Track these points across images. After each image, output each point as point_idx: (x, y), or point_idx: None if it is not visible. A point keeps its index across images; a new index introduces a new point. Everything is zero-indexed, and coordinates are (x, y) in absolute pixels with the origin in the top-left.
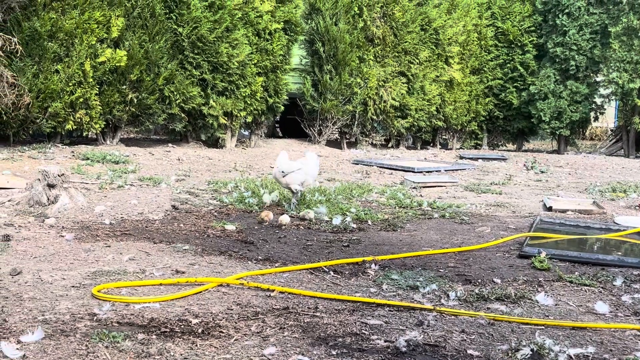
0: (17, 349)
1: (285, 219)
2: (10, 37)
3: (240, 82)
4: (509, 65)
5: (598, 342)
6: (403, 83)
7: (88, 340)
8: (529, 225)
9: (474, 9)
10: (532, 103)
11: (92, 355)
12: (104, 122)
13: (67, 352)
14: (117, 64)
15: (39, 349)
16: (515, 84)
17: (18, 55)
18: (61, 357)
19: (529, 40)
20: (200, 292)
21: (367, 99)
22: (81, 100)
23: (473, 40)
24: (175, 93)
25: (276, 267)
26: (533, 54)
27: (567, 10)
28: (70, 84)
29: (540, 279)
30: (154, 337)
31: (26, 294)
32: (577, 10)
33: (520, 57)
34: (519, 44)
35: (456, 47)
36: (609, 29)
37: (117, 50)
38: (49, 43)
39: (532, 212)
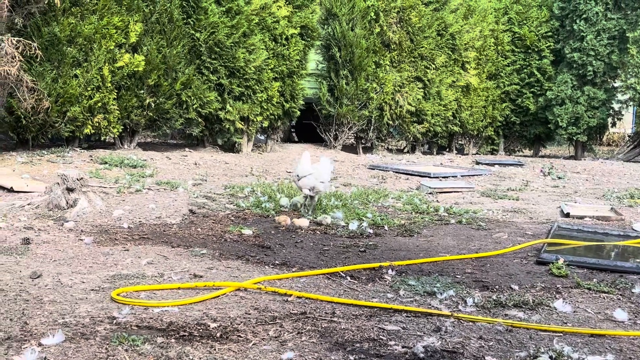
0: (39, 351)
1: (302, 223)
2: (30, 42)
3: (257, 87)
4: (525, 70)
5: (617, 349)
6: (419, 88)
7: (108, 344)
8: (546, 231)
9: (491, 14)
10: (549, 108)
11: (112, 358)
12: (122, 127)
13: (87, 355)
14: (135, 69)
15: (60, 351)
16: (532, 90)
17: (37, 60)
18: None
19: (546, 45)
20: (218, 296)
21: (383, 104)
22: (99, 104)
23: (490, 46)
24: (192, 98)
25: (293, 271)
26: (550, 59)
27: (584, 16)
28: (89, 89)
29: (558, 286)
30: (172, 340)
31: (46, 297)
32: (594, 16)
33: (537, 62)
34: (536, 49)
35: (473, 52)
36: (627, 35)
37: (135, 55)
38: (68, 48)
39: (550, 218)
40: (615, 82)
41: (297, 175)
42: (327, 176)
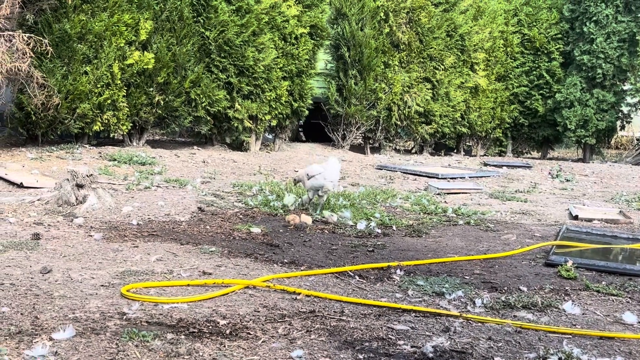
0: (50, 346)
1: (310, 222)
2: (41, 38)
3: (266, 86)
4: (534, 72)
5: (626, 352)
6: (428, 89)
7: (118, 339)
8: (555, 233)
9: (501, 15)
10: (558, 111)
11: (123, 353)
12: (131, 124)
13: (98, 350)
14: (144, 67)
15: (71, 346)
16: (540, 92)
17: (48, 56)
18: (92, 355)
19: (556, 47)
20: (227, 293)
21: (392, 104)
22: (109, 101)
23: (499, 47)
24: (201, 96)
25: (302, 270)
26: (559, 61)
27: (594, 18)
28: (99, 86)
29: (567, 288)
30: (182, 337)
31: (57, 292)
32: (604, 18)
33: (546, 64)
34: (545, 51)
35: (482, 53)
36: (637, 38)
37: (145, 52)
38: (79, 45)
39: (558, 220)
40: (624, 85)
41: (307, 175)
42: (336, 175)
